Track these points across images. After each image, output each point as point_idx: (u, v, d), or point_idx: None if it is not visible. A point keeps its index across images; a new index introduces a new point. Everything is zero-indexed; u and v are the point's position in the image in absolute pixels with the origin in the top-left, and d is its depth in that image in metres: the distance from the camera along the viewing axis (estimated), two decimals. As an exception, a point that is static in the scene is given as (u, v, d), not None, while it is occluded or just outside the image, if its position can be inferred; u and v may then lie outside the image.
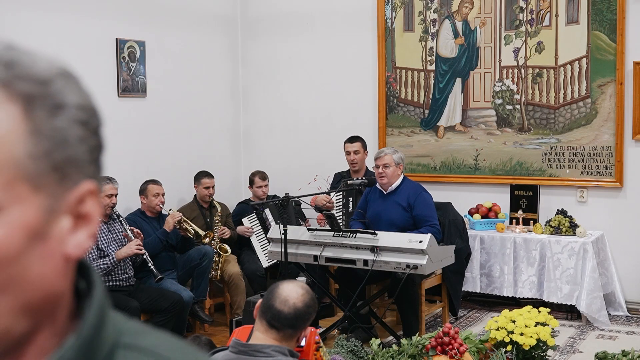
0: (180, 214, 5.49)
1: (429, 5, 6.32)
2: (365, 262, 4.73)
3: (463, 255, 5.59)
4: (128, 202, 5.62)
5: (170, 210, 5.55)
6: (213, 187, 5.94)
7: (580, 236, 5.57)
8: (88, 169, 0.67)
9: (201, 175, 5.95)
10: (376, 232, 4.78)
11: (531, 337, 3.71)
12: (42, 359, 0.64)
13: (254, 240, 6.04)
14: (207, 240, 5.61)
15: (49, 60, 0.66)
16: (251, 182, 6.25)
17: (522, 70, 6.03)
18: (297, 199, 5.15)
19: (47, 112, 0.63)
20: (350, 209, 5.86)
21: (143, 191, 5.49)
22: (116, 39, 5.79)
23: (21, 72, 0.63)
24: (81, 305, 0.68)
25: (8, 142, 0.61)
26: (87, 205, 0.66)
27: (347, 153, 5.92)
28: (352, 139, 5.95)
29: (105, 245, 4.96)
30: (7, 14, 5.01)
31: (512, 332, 3.73)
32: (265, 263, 5.91)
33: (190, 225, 5.55)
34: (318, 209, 5.49)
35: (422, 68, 6.40)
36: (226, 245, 5.82)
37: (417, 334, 4.11)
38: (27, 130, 0.62)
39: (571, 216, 5.73)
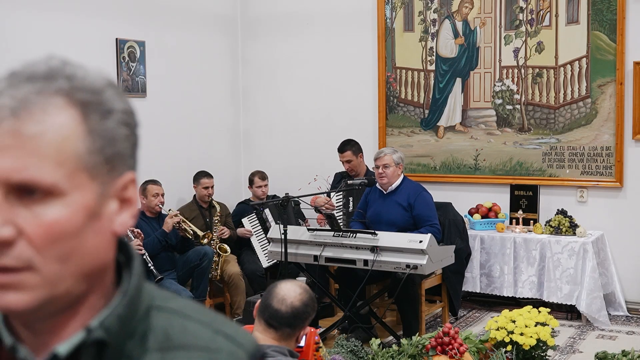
0: (179, 215, 5.48)
1: (429, 5, 6.32)
2: (365, 262, 4.73)
3: (463, 255, 5.59)
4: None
5: (169, 210, 5.54)
6: (212, 187, 5.94)
7: (580, 236, 5.57)
8: (130, 162, 0.82)
9: (200, 176, 5.95)
10: (376, 232, 4.78)
11: (531, 337, 3.71)
12: (92, 315, 0.79)
13: (254, 240, 6.04)
14: (205, 241, 5.61)
15: (98, 73, 0.80)
16: (251, 182, 6.25)
17: (522, 70, 6.03)
18: (297, 199, 5.15)
19: (100, 116, 0.78)
20: (351, 209, 5.86)
21: (142, 191, 5.49)
22: (116, 39, 5.79)
23: (79, 83, 0.77)
24: (121, 275, 0.83)
25: (71, 140, 0.75)
26: (129, 191, 0.81)
27: (341, 162, 5.89)
28: (342, 148, 5.85)
29: (105, 245, 4.95)
30: (7, 14, 5.01)
31: (512, 332, 3.73)
32: (265, 263, 5.91)
33: (189, 226, 5.55)
34: (317, 209, 5.49)
35: (422, 68, 6.40)
36: (226, 245, 5.82)
37: (417, 334, 4.11)
38: (85, 131, 0.76)
39: (571, 216, 5.73)
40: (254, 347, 0.85)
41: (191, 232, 5.51)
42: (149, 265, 5.01)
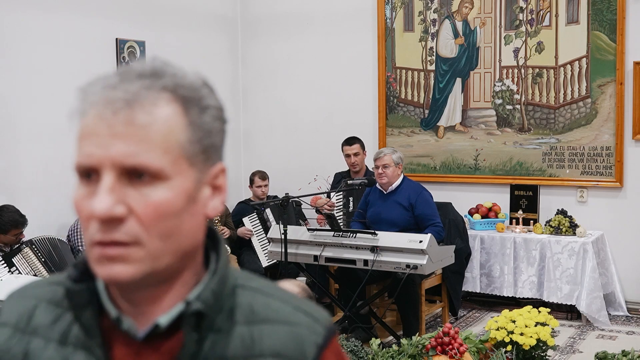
0: None
1: (429, 5, 6.32)
2: (365, 262, 4.73)
3: (463, 255, 5.59)
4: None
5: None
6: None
7: (580, 236, 5.57)
8: (220, 153, 0.91)
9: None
10: (376, 232, 4.78)
11: (531, 337, 3.71)
12: (185, 290, 0.88)
13: (254, 240, 6.04)
14: None
15: (195, 74, 0.89)
16: (251, 182, 6.25)
17: (522, 70, 6.03)
18: (297, 199, 5.15)
19: (199, 111, 0.86)
20: (351, 209, 5.86)
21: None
22: (116, 39, 5.79)
23: (180, 81, 0.86)
24: (208, 256, 0.93)
25: (175, 131, 0.84)
26: (220, 179, 0.91)
27: (347, 156, 5.90)
28: (351, 141, 5.92)
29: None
30: (7, 14, 5.01)
31: (512, 332, 3.73)
32: (265, 263, 5.91)
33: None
34: (318, 210, 5.49)
35: (422, 68, 6.40)
36: (226, 245, 5.81)
37: (417, 334, 4.11)
38: (186, 123, 0.85)
39: (571, 216, 5.73)
40: (329, 323, 0.93)
41: None
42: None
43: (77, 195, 0.84)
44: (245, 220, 6.07)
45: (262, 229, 6.07)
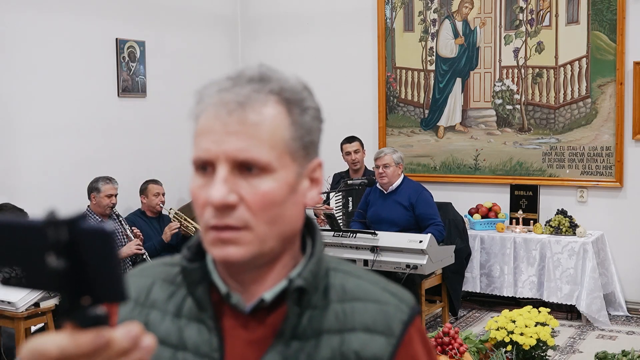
0: (179, 225, 5.47)
1: (429, 5, 6.32)
2: (366, 262, 4.73)
3: (463, 255, 5.59)
4: (128, 202, 5.62)
5: (170, 209, 5.55)
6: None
7: (580, 236, 5.57)
8: (317, 149, 1.02)
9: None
10: (376, 232, 4.79)
11: (531, 337, 3.71)
12: (285, 271, 0.99)
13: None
14: None
15: (296, 78, 1.01)
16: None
17: (522, 70, 6.03)
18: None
19: (300, 111, 0.97)
20: (350, 209, 5.86)
21: (143, 191, 5.49)
22: (116, 39, 5.79)
23: (284, 85, 0.97)
24: (303, 242, 1.03)
25: (281, 129, 0.95)
26: (317, 172, 1.01)
27: (347, 153, 5.91)
28: (350, 139, 5.94)
29: (105, 245, 4.95)
30: (7, 14, 5.01)
31: (512, 332, 3.73)
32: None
33: (191, 223, 5.55)
34: (316, 214, 5.49)
35: (422, 68, 6.40)
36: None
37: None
38: (290, 122, 0.96)
39: (571, 216, 5.73)
40: (413, 303, 1.03)
41: (193, 228, 5.52)
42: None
43: (195, 185, 0.95)
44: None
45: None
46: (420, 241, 4.59)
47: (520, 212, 5.86)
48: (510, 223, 5.91)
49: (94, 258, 0.67)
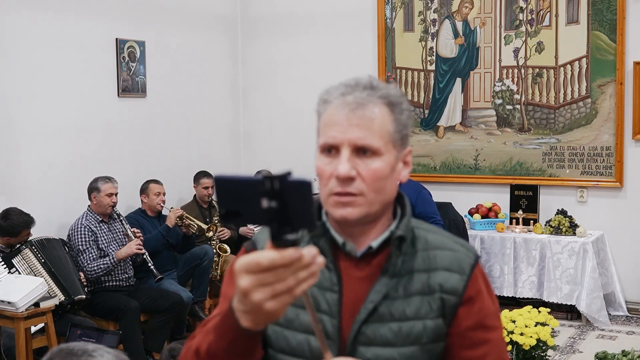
0: (182, 210, 5.51)
1: (429, 5, 6.32)
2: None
3: (463, 255, 5.58)
4: (128, 202, 5.62)
5: (171, 208, 5.54)
6: (212, 187, 5.94)
7: (580, 236, 5.57)
8: (408, 140, 1.36)
9: (200, 176, 5.95)
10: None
11: (531, 337, 3.71)
12: (382, 229, 1.34)
13: (254, 240, 6.05)
14: (210, 233, 5.66)
15: (395, 87, 1.35)
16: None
17: (522, 70, 6.03)
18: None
19: (399, 111, 1.32)
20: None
21: (144, 190, 5.49)
22: (116, 39, 5.79)
23: (389, 92, 1.31)
24: (394, 210, 1.38)
25: (387, 124, 1.29)
26: (408, 157, 1.36)
27: None
28: None
29: (106, 245, 4.96)
30: (7, 14, 5.01)
31: (512, 332, 3.73)
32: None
33: (193, 221, 5.56)
34: None
35: (422, 68, 6.40)
36: (226, 246, 5.82)
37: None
38: (392, 119, 1.31)
39: (571, 216, 5.73)
40: (477, 253, 1.38)
41: (195, 226, 5.53)
42: (149, 265, 5.01)
43: (321, 163, 1.29)
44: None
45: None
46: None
47: (520, 212, 5.86)
48: (510, 223, 5.91)
49: (295, 200, 0.97)
